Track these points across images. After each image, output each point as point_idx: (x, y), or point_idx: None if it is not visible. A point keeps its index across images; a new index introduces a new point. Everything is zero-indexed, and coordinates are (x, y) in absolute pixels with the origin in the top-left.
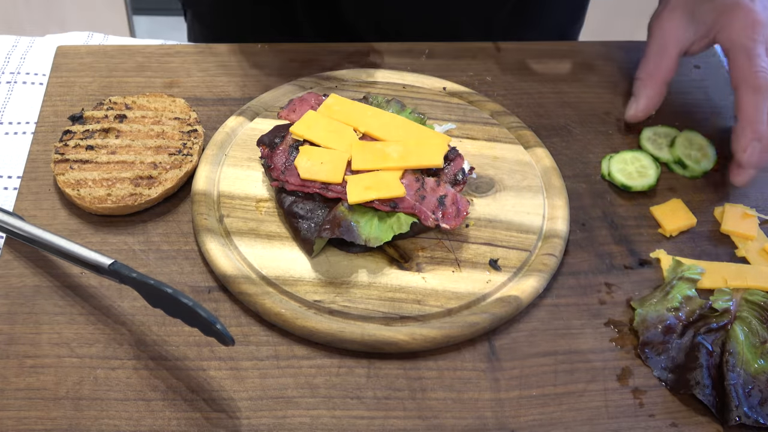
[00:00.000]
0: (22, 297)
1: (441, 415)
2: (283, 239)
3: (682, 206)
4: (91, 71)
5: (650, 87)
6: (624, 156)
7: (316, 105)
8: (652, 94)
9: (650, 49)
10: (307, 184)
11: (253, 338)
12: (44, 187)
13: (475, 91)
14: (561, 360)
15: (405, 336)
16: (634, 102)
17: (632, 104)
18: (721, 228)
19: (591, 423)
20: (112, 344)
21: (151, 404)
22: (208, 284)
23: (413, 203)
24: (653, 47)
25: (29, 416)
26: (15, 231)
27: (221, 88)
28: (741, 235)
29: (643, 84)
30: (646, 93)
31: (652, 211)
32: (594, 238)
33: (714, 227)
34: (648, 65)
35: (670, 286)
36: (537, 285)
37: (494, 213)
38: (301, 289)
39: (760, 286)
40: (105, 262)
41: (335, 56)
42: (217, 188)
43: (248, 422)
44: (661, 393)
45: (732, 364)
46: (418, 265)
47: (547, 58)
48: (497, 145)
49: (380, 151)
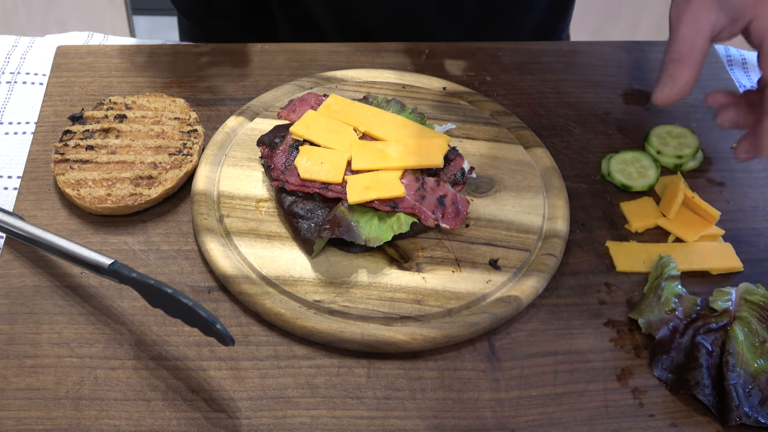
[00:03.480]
0: (22, 297)
1: (441, 415)
2: (283, 239)
3: (651, 204)
4: (91, 71)
5: (687, 66)
6: (624, 156)
7: (316, 105)
8: (689, 75)
9: (681, 33)
10: (307, 184)
11: (253, 338)
12: (44, 187)
13: (475, 91)
14: (561, 360)
15: (405, 336)
16: (668, 83)
17: (666, 85)
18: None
19: (591, 423)
20: (112, 344)
21: (151, 404)
22: (208, 284)
23: (413, 203)
24: (684, 30)
25: (29, 416)
26: (15, 231)
27: (221, 88)
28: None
29: (679, 64)
30: (683, 74)
31: (622, 207)
32: (594, 238)
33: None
34: (681, 46)
35: (661, 289)
36: (537, 285)
37: (494, 213)
38: (301, 289)
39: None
40: (105, 262)
41: (335, 56)
42: (217, 188)
43: (248, 422)
44: (661, 393)
45: (732, 364)
46: (418, 265)
47: (547, 58)
48: (497, 145)
49: (380, 151)
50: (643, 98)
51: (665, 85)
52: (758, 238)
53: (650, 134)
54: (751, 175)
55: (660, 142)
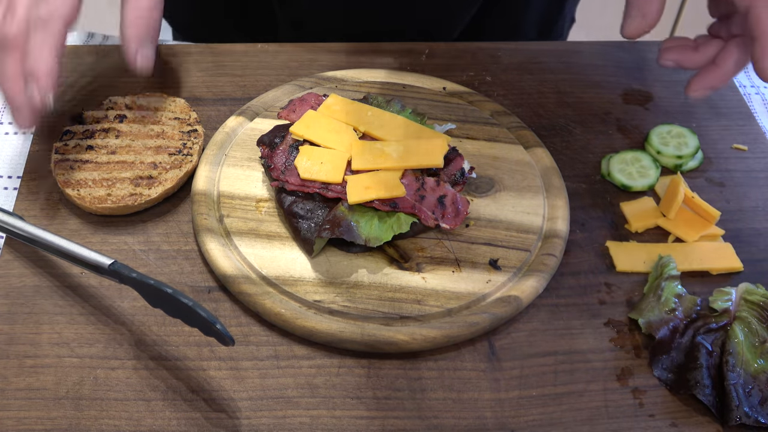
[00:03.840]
0: (22, 297)
1: (441, 415)
2: (283, 239)
3: (651, 204)
4: (91, 71)
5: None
6: (624, 156)
7: (316, 105)
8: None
9: None
10: (307, 184)
11: (253, 338)
12: (44, 187)
13: (475, 91)
14: (561, 360)
15: (405, 336)
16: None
17: (635, 18)
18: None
19: (591, 423)
20: (112, 344)
21: (151, 404)
22: (208, 284)
23: (413, 203)
24: None
25: (29, 416)
26: (15, 231)
27: (221, 88)
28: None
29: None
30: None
31: (622, 207)
32: (594, 238)
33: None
34: None
35: (661, 289)
36: (537, 285)
37: (494, 213)
38: (301, 289)
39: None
40: (105, 262)
41: (335, 56)
42: (217, 188)
43: (248, 422)
44: (661, 393)
45: (732, 364)
46: (418, 265)
47: (547, 58)
48: (497, 145)
49: (380, 151)
50: (643, 98)
51: (634, 17)
52: (758, 238)
53: (650, 134)
54: (751, 175)
55: (660, 142)
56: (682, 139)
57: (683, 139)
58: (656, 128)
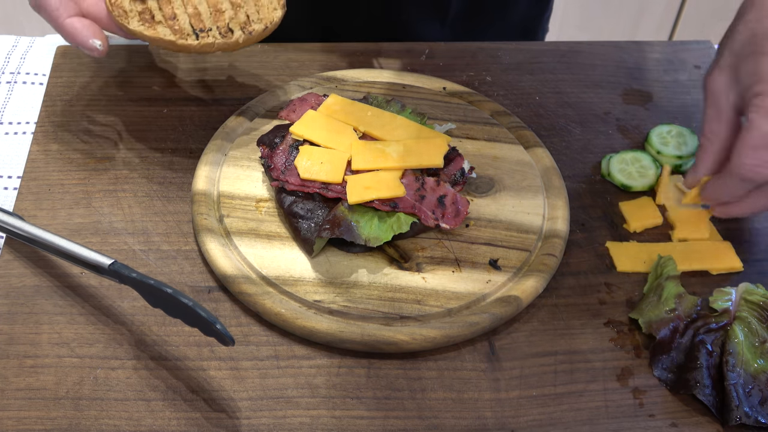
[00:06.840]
0: (22, 297)
1: (441, 415)
2: (283, 239)
3: (651, 204)
4: (91, 71)
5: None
6: (624, 156)
7: (316, 105)
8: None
9: (708, 113)
10: (307, 184)
11: (253, 338)
12: (44, 187)
13: (475, 91)
14: (561, 360)
15: (405, 336)
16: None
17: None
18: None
19: (591, 423)
20: (112, 344)
21: (151, 404)
22: (208, 284)
23: (413, 203)
24: (710, 112)
25: (29, 416)
26: (15, 231)
27: (221, 88)
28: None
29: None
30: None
31: (622, 207)
32: (594, 238)
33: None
34: (709, 126)
35: (661, 289)
36: (537, 285)
37: (494, 213)
38: (301, 289)
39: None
40: (105, 262)
41: (335, 56)
42: (217, 188)
43: (248, 422)
44: (661, 393)
45: (732, 364)
46: (418, 265)
47: (547, 58)
48: (497, 145)
49: (380, 151)
50: (643, 98)
51: (693, 172)
52: (758, 238)
53: (650, 134)
54: None
55: (660, 142)
56: (682, 139)
57: (683, 139)
58: (656, 128)
